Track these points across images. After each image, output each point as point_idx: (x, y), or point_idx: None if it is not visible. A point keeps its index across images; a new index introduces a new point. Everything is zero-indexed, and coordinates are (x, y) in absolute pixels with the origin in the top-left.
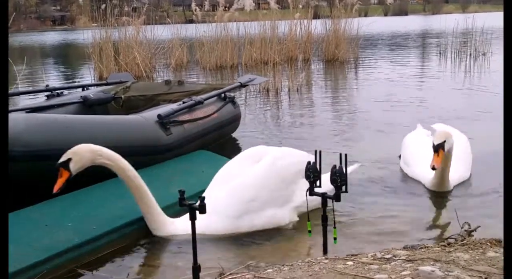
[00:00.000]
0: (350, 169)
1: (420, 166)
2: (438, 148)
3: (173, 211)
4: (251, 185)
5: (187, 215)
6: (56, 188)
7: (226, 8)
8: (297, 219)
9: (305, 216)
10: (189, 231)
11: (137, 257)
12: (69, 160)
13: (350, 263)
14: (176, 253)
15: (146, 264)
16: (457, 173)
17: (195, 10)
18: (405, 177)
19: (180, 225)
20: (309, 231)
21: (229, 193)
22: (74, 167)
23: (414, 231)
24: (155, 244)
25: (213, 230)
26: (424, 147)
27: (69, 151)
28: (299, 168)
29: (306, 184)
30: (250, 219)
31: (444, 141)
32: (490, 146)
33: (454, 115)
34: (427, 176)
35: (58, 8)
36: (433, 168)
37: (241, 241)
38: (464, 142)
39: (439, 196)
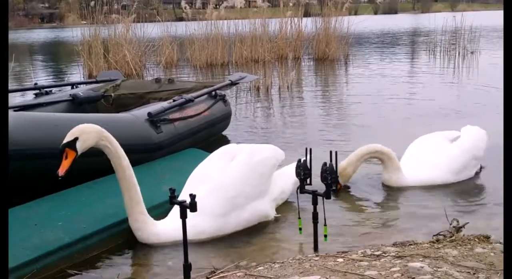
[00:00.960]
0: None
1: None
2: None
3: (163, 210)
4: (232, 182)
5: (169, 218)
6: (62, 171)
7: (217, 6)
8: (275, 212)
9: (291, 212)
10: (172, 236)
11: (127, 256)
12: (76, 139)
13: (340, 260)
14: (166, 252)
15: (137, 264)
16: (420, 173)
17: (185, 8)
18: None
19: (163, 228)
20: (300, 229)
21: (212, 192)
22: (82, 146)
23: (403, 228)
24: (145, 244)
25: (200, 231)
26: (415, 149)
27: (75, 130)
28: (274, 162)
29: (280, 177)
30: (236, 216)
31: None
32: None
33: (445, 112)
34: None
35: (47, 5)
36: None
37: (232, 239)
38: (463, 145)
39: (429, 193)
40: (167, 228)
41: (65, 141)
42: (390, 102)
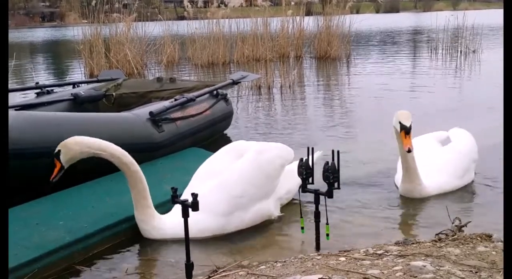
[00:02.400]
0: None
1: (400, 171)
2: (410, 130)
3: (166, 209)
4: (238, 180)
5: (173, 213)
6: (51, 177)
7: (219, 5)
8: (279, 212)
9: (293, 211)
10: (177, 229)
11: (129, 255)
12: (59, 151)
13: (342, 259)
14: (168, 250)
15: (138, 262)
16: (438, 180)
17: (187, 6)
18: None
19: (168, 223)
20: (302, 228)
21: (216, 189)
22: (63, 159)
23: (405, 227)
24: (147, 242)
25: (202, 229)
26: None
27: (61, 143)
28: (282, 162)
29: (285, 176)
30: (239, 215)
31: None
32: (480, 143)
33: (447, 110)
34: (399, 181)
35: (47, 4)
36: (409, 150)
37: (234, 238)
38: (461, 148)
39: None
40: (172, 222)
41: (55, 152)
42: (392, 101)
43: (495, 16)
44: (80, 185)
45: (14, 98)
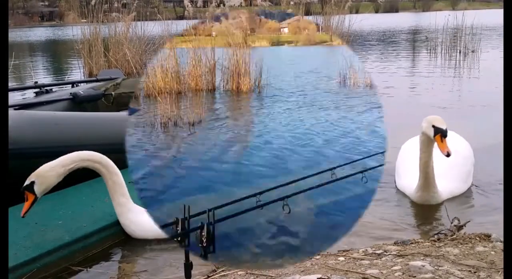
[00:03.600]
0: None
1: (406, 177)
2: (447, 133)
3: None
4: None
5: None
6: (22, 212)
7: (219, 5)
8: None
9: None
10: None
11: (128, 255)
12: (33, 182)
13: (341, 258)
14: (167, 250)
15: (137, 262)
16: (448, 186)
17: (188, 6)
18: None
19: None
20: None
21: None
22: (39, 189)
23: (404, 227)
24: (146, 241)
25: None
26: (413, 158)
27: (32, 174)
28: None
29: None
30: None
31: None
32: (478, 143)
33: (444, 110)
34: (412, 188)
35: (46, 3)
36: (449, 154)
37: None
38: (462, 152)
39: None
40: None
41: (24, 185)
42: (390, 100)
43: (495, 16)
44: (80, 184)
45: (13, 98)
